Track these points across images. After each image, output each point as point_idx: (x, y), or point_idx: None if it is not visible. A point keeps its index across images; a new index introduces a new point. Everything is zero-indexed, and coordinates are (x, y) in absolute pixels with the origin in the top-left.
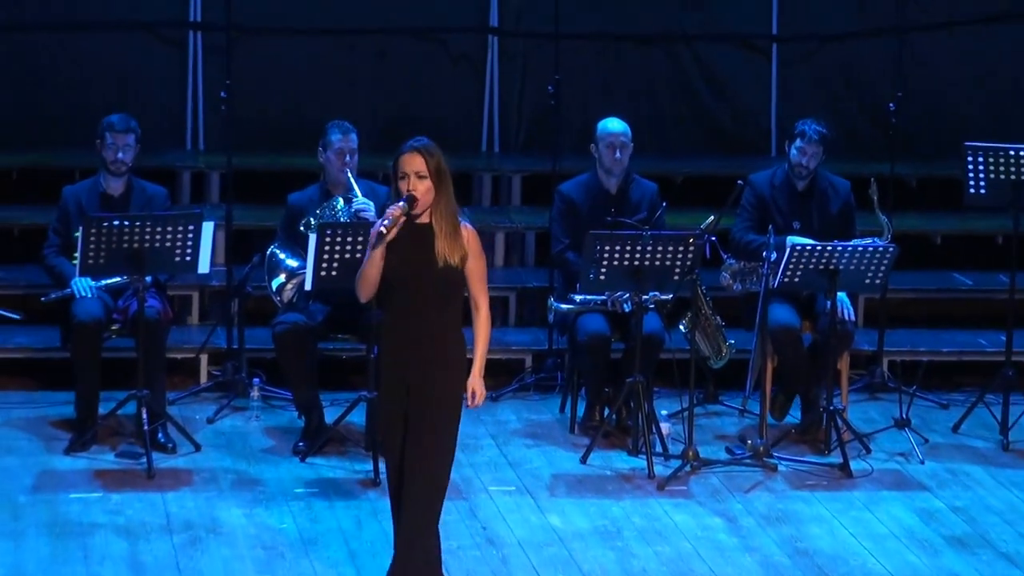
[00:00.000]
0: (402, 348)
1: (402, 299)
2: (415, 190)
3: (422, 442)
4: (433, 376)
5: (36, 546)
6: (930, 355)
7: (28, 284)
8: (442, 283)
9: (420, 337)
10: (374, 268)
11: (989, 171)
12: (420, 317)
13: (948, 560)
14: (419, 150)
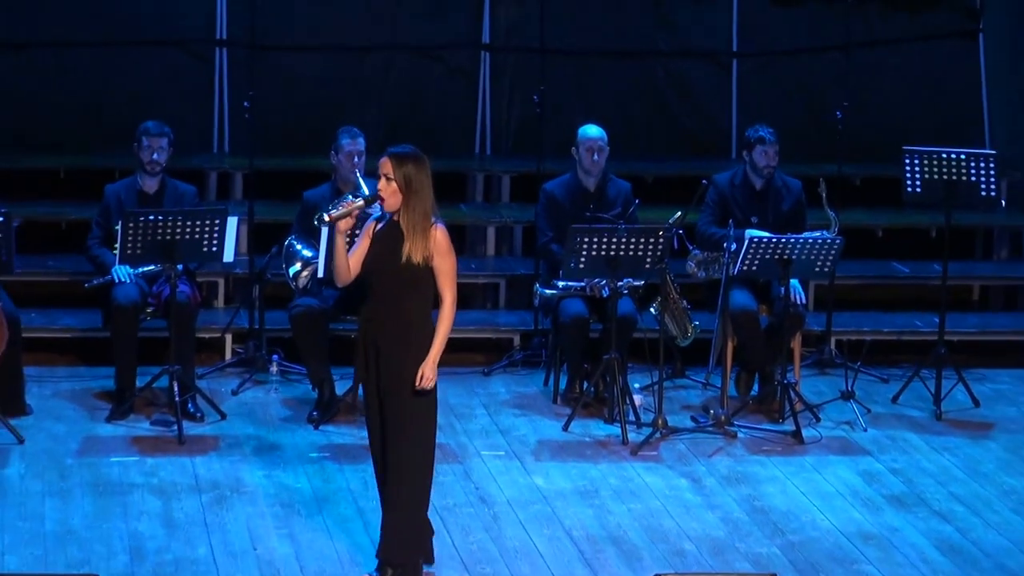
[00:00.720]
0: (375, 333)
1: (376, 289)
2: (381, 191)
3: (398, 422)
4: (402, 360)
5: (81, 503)
6: (872, 335)
7: (74, 271)
8: (407, 277)
9: (390, 324)
10: (340, 258)
11: (924, 172)
12: (390, 306)
13: (888, 516)
14: (391, 156)
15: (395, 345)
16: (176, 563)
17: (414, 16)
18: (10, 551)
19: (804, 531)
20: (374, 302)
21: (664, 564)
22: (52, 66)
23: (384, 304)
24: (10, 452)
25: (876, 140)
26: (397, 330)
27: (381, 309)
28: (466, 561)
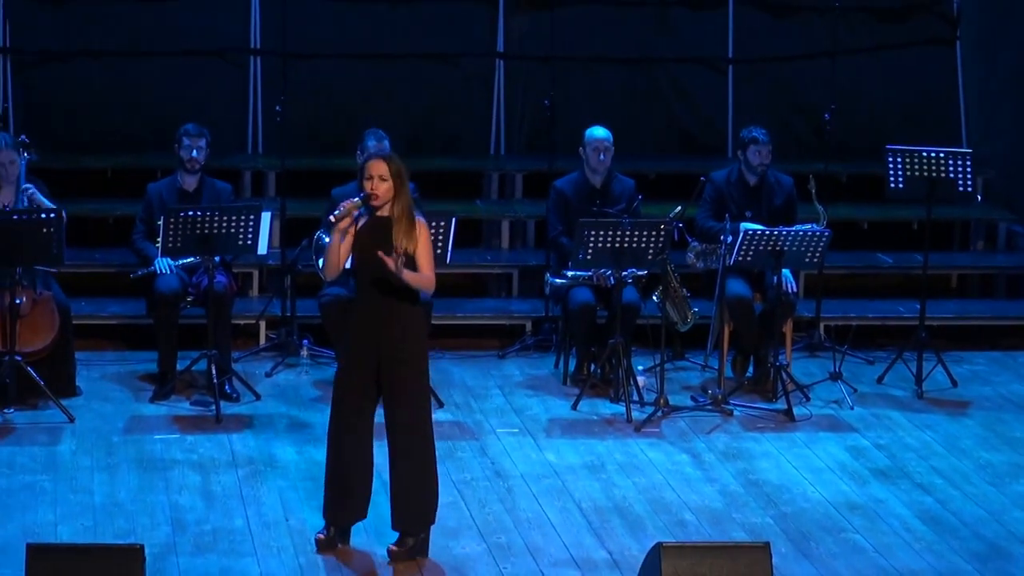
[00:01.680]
0: (371, 321)
1: (369, 279)
2: (376, 190)
3: (401, 400)
4: (399, 341)
5: (127, 478)
6: (858, 320)
7: (120, 263)
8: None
9: (385, 311)
10: (334, 254)
11: (907, 169)
12: (384, 294)
13: (873, 489)
14: (384, 158)
15: (392, 328)
16: (214, 533)
17: (434, 26)
18: (62, 522)
19: (796, 502)
20: (368, 291)
21: (666, 533)
22: (101, 75)
23: (378, 291)
24: (62, 430)
25: (861, 140)
26: (392, 314)
27: (376, 296)
28: (483, 531)
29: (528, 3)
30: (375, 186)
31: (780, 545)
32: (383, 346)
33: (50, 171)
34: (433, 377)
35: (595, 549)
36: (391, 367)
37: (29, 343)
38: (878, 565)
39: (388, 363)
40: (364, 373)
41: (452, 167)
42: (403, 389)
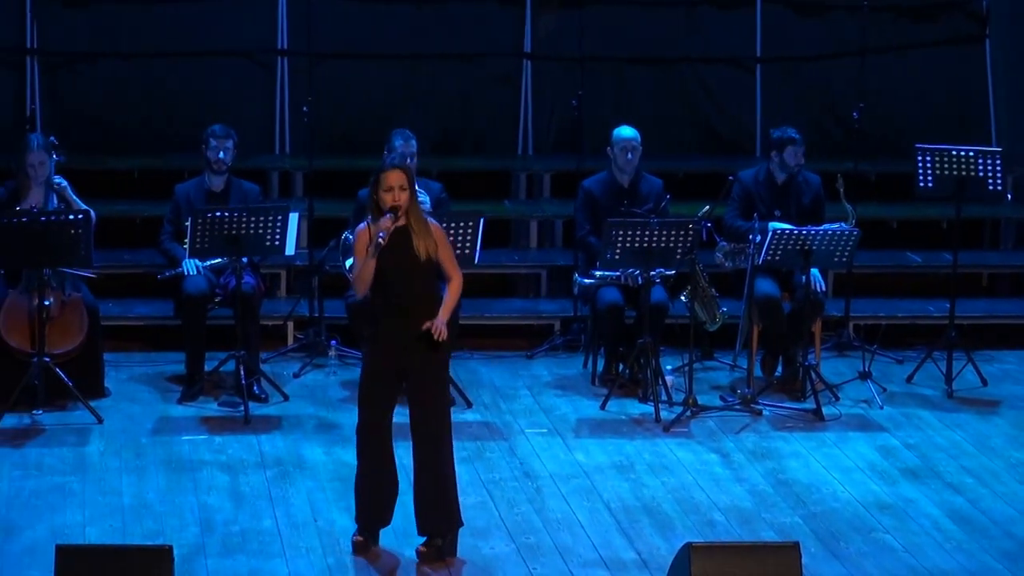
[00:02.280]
0: (400, 328)
1: (395, 289)
2: (399, 201)
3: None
4: (424, 353)
5: (155, 479)
6: (887, 319)
7: (147, 265)
8: (424, 272)
9: (414, 318)
10: (369, 270)
11: (936, 168)
12: (412, 301)
13: (903, 488)
14: (401, 167)
15: (424, 338)
16: (243, 534)
17: (461, 27)
18: (91, 523)
19: (825, 502)
20: (394, 299)
21: (695, 533)
22: (129, 76)
23: (405, 299)
24: (90, 431)
25: (890, 139)
26: (420, 320)
27: (404, 303)
28: (512, 531)
29: (555, 3)
30: (397, 197)
31: (809, 545)
32: (408, 356)
33: (77, 172)
34: (462, 377)
35: (624, 549)
36: (417, 377)
37: (58, 345)
38: (908, 565)
39: (414, 373)
40: (388, 382)
41: (480, 167)
42: (429, 398)
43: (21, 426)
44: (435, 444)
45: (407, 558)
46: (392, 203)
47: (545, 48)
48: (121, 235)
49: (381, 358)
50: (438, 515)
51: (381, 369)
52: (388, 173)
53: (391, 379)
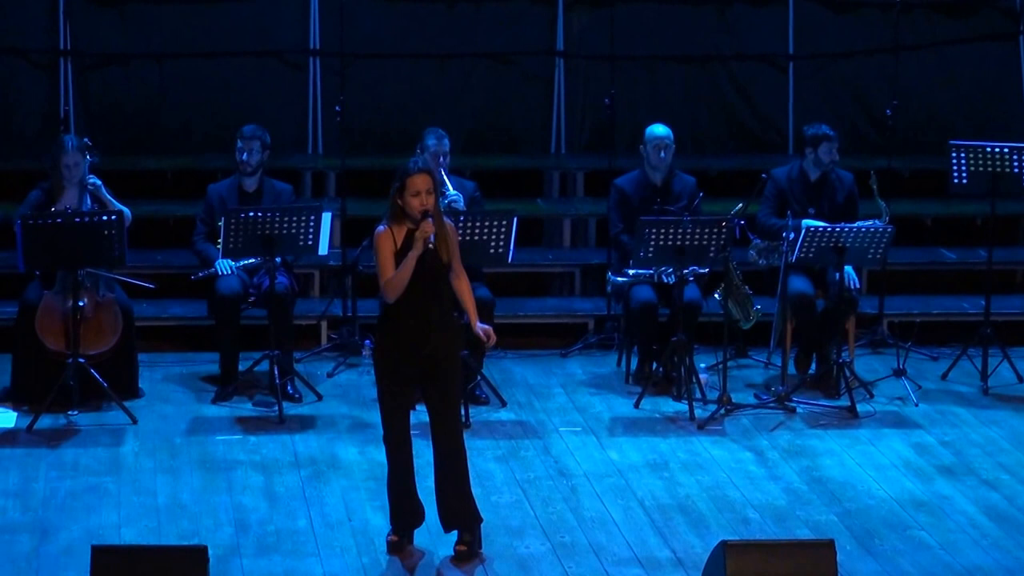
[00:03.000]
0: (424, 331)
1: (417, 292)
2: (428, 205)
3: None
4: (448, 344)
5: (190, 479)
6: (922, 316)
7: (181, 265)
8: (446, 275)
9: (435, 319)
10: (407, 275)
11: (970, 165)
12: (436, 303)
13: (939, 485)
14: (427, 171)
15: (442, 333)
16: (278, 534)
17: (493, 26)
18: (125, 524)
19: (860, 499)
20: (419, 302)
21: (730, 531)
22: (161, 77)
23: (430, 302)
24: (125, 432)
25: (924, 136)
26: (441, 320)
27: (428, 306)
28: (547, 530)
29: (587, 1)
30: (425, 201)
31: (845, 542)
32: (432, 356)
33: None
34: (495, 376)
35: (659, 548)
36: (440, 376)
37: (92, 345)
38: (943, 562)
39: (436, 373)
40: (409, 386)
41: (513, 166)
42: (452, 397)
43: (57, 427)
44: (458, 441)
45: (440, 556)
46: (422, 207)
47: (577, 46)
48: (154, 235)
49: (400, 363)
50: (464, 508)
51: (402, 375)
52: (415, 177)
53: (412, 383)
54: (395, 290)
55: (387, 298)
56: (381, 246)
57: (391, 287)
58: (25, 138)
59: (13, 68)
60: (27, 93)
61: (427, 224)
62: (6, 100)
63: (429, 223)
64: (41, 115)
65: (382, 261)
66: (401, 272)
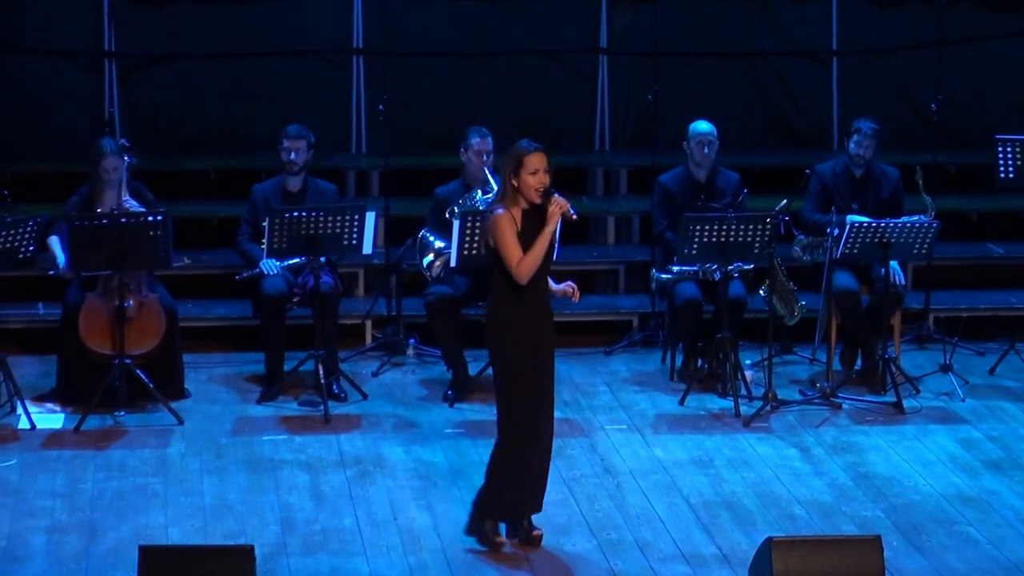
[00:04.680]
0: (543, 314)
1: (538, 283)
2: (546, 182)
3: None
4: (550, 331)
5: (236, 479)
6: (969, 311)
7: (225, 265)
8: (551, 253)
9: (548, 306)
10: (543, 251)
11: (1017, 159)
12: (543, 287)
13: (986, 481)
14: (543, 150)
15: (548, 320)
16: (324, 533)
17: (535, 23)
18: (172, 524)
19: (906, 495)
20: (540, 283)
21: (776, 528)
22: (205, 77)
23: (540, 287)
24: (171, 433)
25: (970, 130)
26: (547, 306)
27: (542, 288)
28: (593, 527)
29: None
30: (543, 179)
31: (891, 538)
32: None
33: (154, 173)
34: None
35: (704, 544)
36: (549, 361)
37: (137, 346)
38: (991, 557)
39: (547, 357)
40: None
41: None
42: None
43: (104, 428)
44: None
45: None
46: (540, 184)
47: (620, 43)
48: (199, 236)
49: (527, 348)
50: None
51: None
52: (532, 156)
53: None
54: (531, 269)
55: (522, 279)
56: (504, 228)
57: (526, 267)
58: (71, 140)
59: (58, 70)
60: (72, 95)
61: (561, 200)
62: (52, 102)
63: (561, 199)
64: (86, 117)
65: (508, 243)
66: (536, 249)
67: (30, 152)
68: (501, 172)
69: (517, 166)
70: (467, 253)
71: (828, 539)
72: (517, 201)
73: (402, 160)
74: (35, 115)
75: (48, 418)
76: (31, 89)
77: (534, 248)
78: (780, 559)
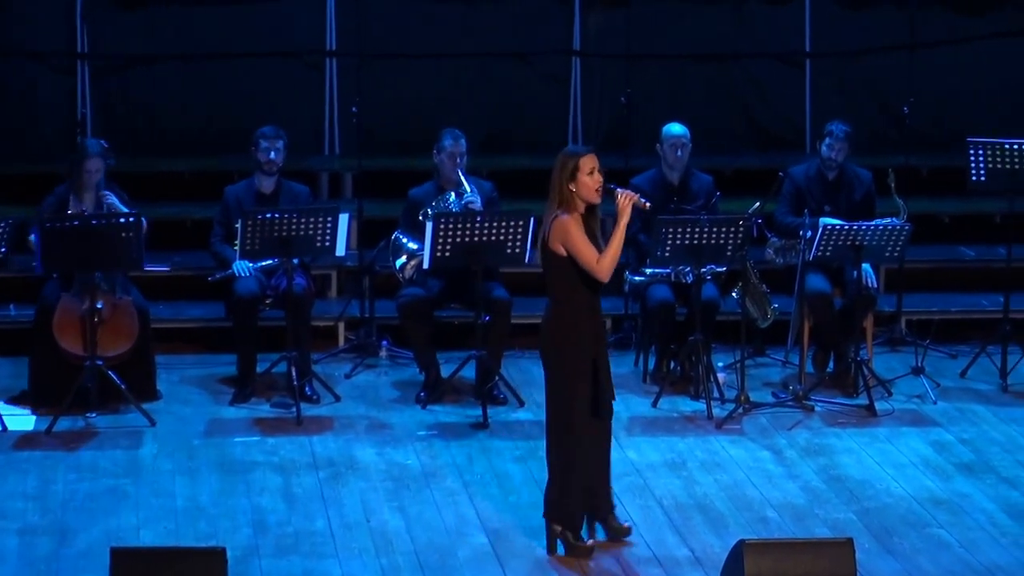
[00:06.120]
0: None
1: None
2: (600, 184)
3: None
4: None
5: (208, 481)
6: (940, 314)
7: (198, 267)
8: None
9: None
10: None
11: (988, 162)
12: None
13: (958, 484)
14: (592, 151)
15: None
16: (296, 535)
17: (509, 26)
18: (144, 526)
19: (879, 498)
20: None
21: (748, 530)
22: (178, 78)
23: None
24: (143, 434)
25: (941, 133)
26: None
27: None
28: None
29: (603, 0)
30: (600, 178)
31: (864, 541)
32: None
33: (128, 175)
34: (514, 376)
35: (677, 547)
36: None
37: (109, 347)
38: (963, 560)
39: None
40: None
41: (529, 166)
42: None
43: (75, 429)
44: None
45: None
46: (598, 183)
47: (594, 46)
48: (172, 237)
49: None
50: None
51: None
52: (585, 157)
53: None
54: (612, 265)
55: (604, 276)
56: (573, 230)
57: (607, 263)
58: (44, 142)
59: (32, 72)
60: (46, 96)
61: (628, 192)
62: (25, 104)
63: (627, 191)
64: (59, 118)
65: (580, 244)
66: (614, 244)
67: (2, 153)
68: (554, 183)
69: (573, 170)
70: (440, 255)
71: (800, 542)
72: (577, 207)
73: (375, 162)
74: (8, 116)
75: (20, 420)
76: (3, 90)
77: (611, 244)
78: (752, 562)
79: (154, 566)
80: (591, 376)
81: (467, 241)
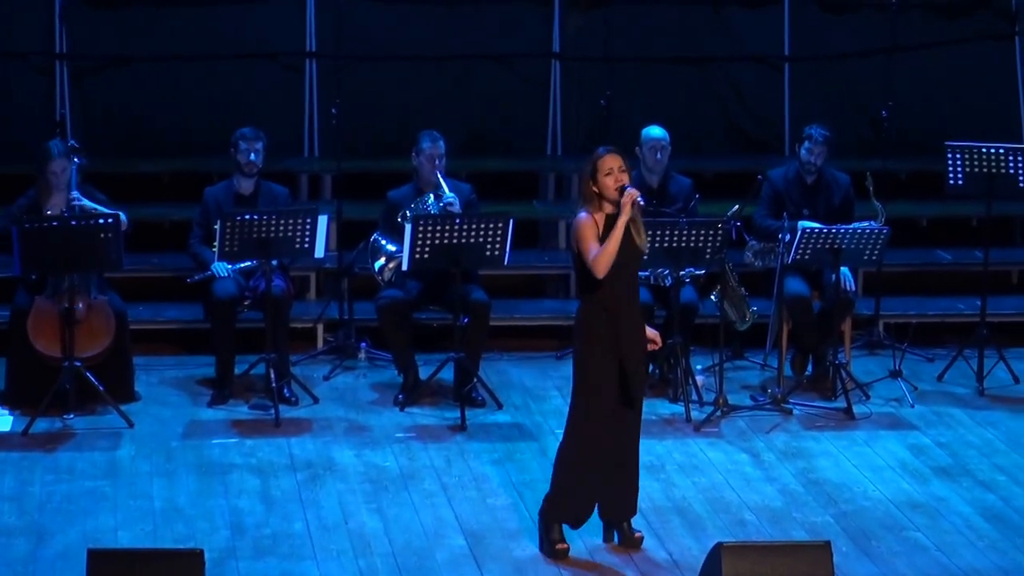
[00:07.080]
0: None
1: (616, 287)
2: (624, 181)
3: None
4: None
5: (186, 482)
6: (918, 318)
7: (176, 268)
8: (639, 256)
9: (633, 309)
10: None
11: (966, 166)
12: (631, 293)
13: (935, 487)
14: (615, 151)
15: (635, 330)
16: (274, 537)
17: (489, 28)
18: (122, 527)
19: (856, 501)
20: (622, 289)
21: (726, 533)
22: (158, 79)
23: (630, 290)
24: (121, 436)
25: (920, 137)
26: (634, 316)
27: (627, 295)
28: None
29: (583, 3)
30: (619, 178)
31: (841, 544)
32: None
33: (107, 176)
34: (492, 379)
35: (655, 549)
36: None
37: (86, 348)
38: (940, 563)
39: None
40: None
41: (508, 168)
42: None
43: (53, 431)
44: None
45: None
46: (617, 184)
47: (573, 48)
48: (150, 239)
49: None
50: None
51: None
52: (605, 157)
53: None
54: (607, 261)
55: (598, 273)
56: (584, 230)
57: (602, 259)
58: (22, 142)
59: (10, 72)
60: (24, 97)
61: (631, 190)
62: (3, 104)
63: (632, 189)
64: (38, 119)
65: (583, 242)
66: (611, 241)
67: None
68: (582, 182)
69: (593, 171)
70: (419, 257)
71: (778, 545)
72: (601, 207)
73: (355, 164)
74: None
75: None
76: None
77: (609, 240)
78: (730, 565)
79: (132, 568)
80: (608, 381)
81: (446, 243)
